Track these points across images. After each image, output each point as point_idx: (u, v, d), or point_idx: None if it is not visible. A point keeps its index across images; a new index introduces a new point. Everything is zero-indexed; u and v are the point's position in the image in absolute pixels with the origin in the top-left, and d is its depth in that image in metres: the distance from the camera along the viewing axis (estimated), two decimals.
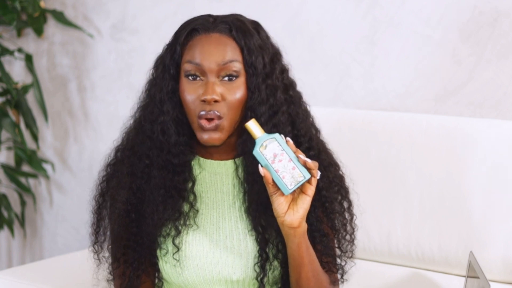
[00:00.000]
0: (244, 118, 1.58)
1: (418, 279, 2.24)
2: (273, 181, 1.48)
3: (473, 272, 1.64)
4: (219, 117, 1.56)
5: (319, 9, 2.64)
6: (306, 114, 1.66)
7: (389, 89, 2.54)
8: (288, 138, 1.50)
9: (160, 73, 1.61)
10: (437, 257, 2.21)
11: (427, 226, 2.22)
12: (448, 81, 2.44)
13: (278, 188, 1.49)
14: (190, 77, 1.57)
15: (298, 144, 1.61)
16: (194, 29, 1.59)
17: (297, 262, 1.55)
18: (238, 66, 1.57)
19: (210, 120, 1.56)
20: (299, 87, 1.69)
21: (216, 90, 1.55)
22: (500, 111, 2.37)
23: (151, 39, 2.99)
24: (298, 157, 1.48)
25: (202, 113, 1.56)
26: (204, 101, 1.55)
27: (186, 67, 1.57)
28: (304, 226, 1.52)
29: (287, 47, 1.70)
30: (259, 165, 1.49)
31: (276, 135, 1.49)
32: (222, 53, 1.56)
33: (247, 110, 1.59)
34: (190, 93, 1.57)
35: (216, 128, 1.56)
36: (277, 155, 1.48)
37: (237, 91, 1.57)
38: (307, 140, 1.63)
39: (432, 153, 2.24)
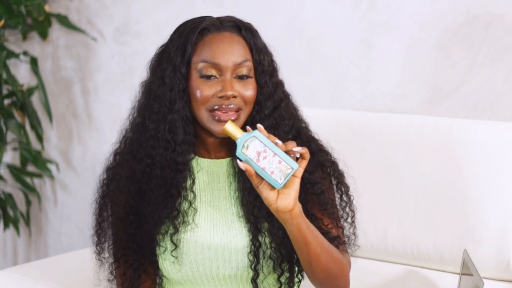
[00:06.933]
0: (250, 112, 1.63)
1: (413, 277, 2.24)
2: (256, 173, 1.45)
3: (467, 269, 1.66)
4: (238, 109, 1.59)
5: (317, 13, 2.63)
6: (295, 109, 1.70)
7: (385, 92, 2.54)
8: (259, 125, 1.48)
9: (170, 73, 1.61)
10: (432, 255, 2.22)
11: (423, 224, 2.22)
12: (443, 84, 2.44)
13: (262, 179, 1.46)
14: (205, 77, 1.59)
15: (287, 139, 1.63)
16: (204, 28, 1.61)
17: (302, 243, 1.52)
18: (250, 65, 1.61)
19: (227, 112, 1.58)
20: (298, 89, 1.72)
21: (234, 86, 1.58)
22: (493, 113, 2.37)
23: (153, 42, 2.97)
24: (276, 143, 1.45)
25: (217, 107, 1.58)
26: (221, 97, 1.57)
27: (201, 66, 1.59)
28: (299, 206, 1.49)
29: (286, 50, 1.72)
30: (238, 160, 1.47)
31: (256, 132, 1.46)
32: (237, 52, 1.59)
33: (254, 104, 1.63)
34: (206, 90, 1.58)
35: (234, 118, 1.59)
36: (260, 153, 1.44)
37: (250, 88, 1.60)
38: (294, 133, 1.66)
39: (427, 154, 2.23)
